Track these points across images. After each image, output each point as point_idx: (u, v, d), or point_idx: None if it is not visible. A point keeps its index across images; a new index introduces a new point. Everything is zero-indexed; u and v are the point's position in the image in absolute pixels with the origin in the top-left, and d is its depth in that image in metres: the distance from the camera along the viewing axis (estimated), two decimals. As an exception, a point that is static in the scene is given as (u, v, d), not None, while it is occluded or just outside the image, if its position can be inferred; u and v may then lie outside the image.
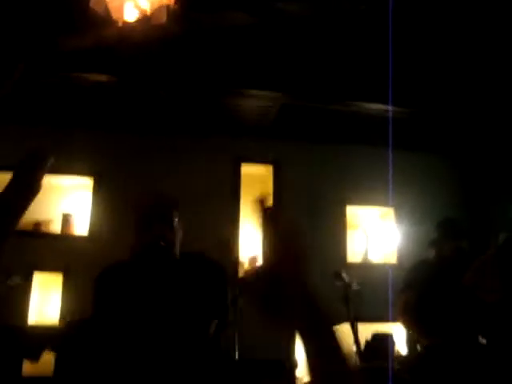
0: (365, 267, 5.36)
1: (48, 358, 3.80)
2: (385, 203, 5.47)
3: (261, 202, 0.93)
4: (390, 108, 4.64)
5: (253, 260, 5.29)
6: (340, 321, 4.84)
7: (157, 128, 5.35)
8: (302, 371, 5.02)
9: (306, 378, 4.94)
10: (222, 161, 5.44)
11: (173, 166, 5.28)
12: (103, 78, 4.49)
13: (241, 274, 5.17)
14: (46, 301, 4.94)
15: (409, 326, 3.45)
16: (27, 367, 4.20)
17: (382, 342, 4.36)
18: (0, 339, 3.83)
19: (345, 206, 5.53)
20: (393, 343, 4.46)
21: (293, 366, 4.15)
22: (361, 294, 3.09)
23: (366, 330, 4.05)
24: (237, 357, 3.81)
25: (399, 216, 5.58)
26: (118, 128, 5.32)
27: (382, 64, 3.75)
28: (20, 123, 5.17)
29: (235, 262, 5.16)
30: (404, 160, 5.30)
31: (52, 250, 4.87)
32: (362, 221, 5.82)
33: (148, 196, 2.58)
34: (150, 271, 2.39)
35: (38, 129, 5.18)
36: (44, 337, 4.00)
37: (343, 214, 5.52)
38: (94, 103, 5.02)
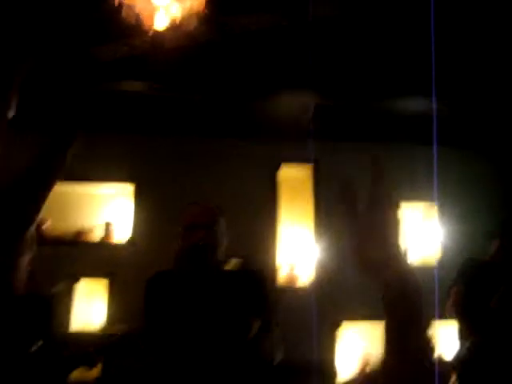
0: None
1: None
2: (429, 201, 5.33)
3: None
4: (433, 104, 4.51)
5: (291, 267, 5.23)
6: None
7: (194, 133, 5.36)
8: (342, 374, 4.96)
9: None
10: (260, 164, 5.40)
11: (211, 170, 5.29)
12: (138, 85, 4.54)
13: (279, 279, 5.12)
14: (89, 308, 5.00)
15: (458, 317, 3.36)
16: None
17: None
18: (49, 345, 3.89)
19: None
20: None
21: (333, 368, 4.09)
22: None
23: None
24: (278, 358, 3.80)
25: (443, 215, 5.42)
26: (156, 134, 5.36)
27: (423, 58, 3.65)
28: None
29: (273, 267, 5.12)
30: (448, 158, 5.15)
31: (94, 257, 4.94)
32: (405, 219, 5.68)
33: (192, 206, 2.66)
34: (193, 278, 2.50)
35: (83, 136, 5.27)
36: (95, 343, 4.05)
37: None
38: (132, 110, 5.08)
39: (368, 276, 0.81)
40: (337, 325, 5.02)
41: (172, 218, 2.70)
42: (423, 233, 5.63)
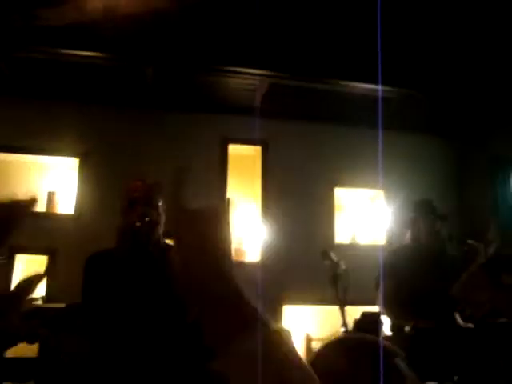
0: (353, 249, 5.31)
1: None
2: (374, 185, 5.43)
3: None
4: (379, 87, 4.57)
5: (239, 242, 5.24)
6: (328, 302, 4.85)
7: (143, 105, 5.25)
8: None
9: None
10: (210, 139, 5.36)
11: (159, 142, 5.20)
12: (88, 54, 4.38)
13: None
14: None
15: (390, 315, 3.47)
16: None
17: (371, 320, 4.31)
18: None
19: (333, 187, 5.49)
20: (382, 323, 4.43)
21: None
22: (349, 275, 3.03)
23: (355, 313, 4.01)
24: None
25: (389, 198, 5.53)
26: (104, 105, 5.22)
27: (371, 42, 3.66)
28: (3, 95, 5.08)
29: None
30: (394, 141, 5.26)
31: (36, 229, 4.78)
32: (351, 202, 5.78)
33: (133, 181, 2.63)
34: (130, 258, 2.50)
35: (22, 103, 5.09)
36: (35, 318, 3.93)
37: (331, 196, 5.47)
38: (80, 79, 4.92)
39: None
40: (280, 303, 5.06)
41: (117, 192, 2.67)
42: (370, 217, 5.74)
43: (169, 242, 2.62)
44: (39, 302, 4.66)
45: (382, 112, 4.75)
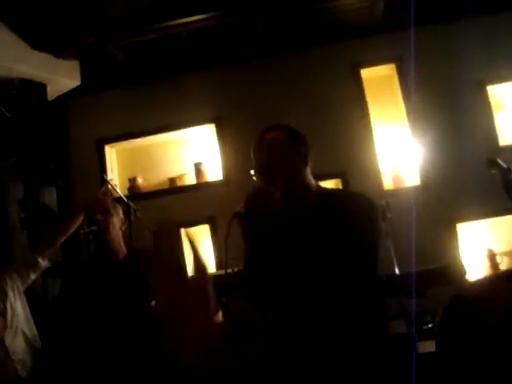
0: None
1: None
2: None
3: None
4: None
5: (394, 169, 4.93)
6: (505, 212, 4.41)
7: (260, 54, 5.10)
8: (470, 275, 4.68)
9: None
10: (339, 69, 5.04)
11: (287, 86, 5.05)
12: (195, 18, 4.31)
13: (385, 183, 4.87)
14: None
15: None
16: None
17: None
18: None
19: (485, 84, 4.88)
20: None
21: (461, 271, 3.83)
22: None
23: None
24: (397, 271, 3.62)
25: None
26: (224, 65, 5.16)
27: None
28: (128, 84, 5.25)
29: (377, 173, 4.86)
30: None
31: (191, 201, 4.93)
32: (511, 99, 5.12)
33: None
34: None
35: (148, 88, 5.22)
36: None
37: (485, 95, 4.87)
38: (195, 46, 4.89)
39: None
40: (453, 223, 4.71)
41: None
42: None
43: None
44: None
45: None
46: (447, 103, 4.81)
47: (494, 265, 4.57)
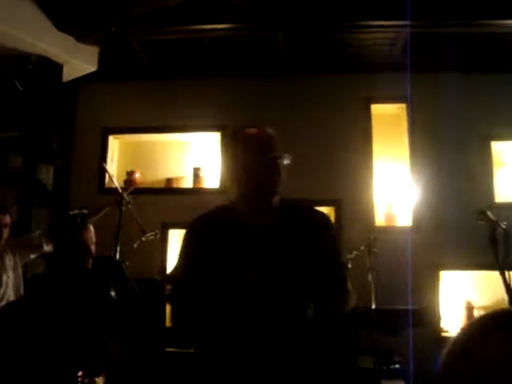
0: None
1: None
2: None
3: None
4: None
5: (388, 206, 4.98)
6: (489, 267, 4.43)
7: (278, 72, 5.15)
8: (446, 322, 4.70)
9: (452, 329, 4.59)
10: (351, 101, 5.11)
11: (297, 105, 5.11)
12: (218, 26, 4.37)
13: (377, 218, 4.91)
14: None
15: None
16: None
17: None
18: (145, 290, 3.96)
19: (490, 140, 4.96)
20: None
21: (436, 315, 3.85)
22: (510, 237, 2.68)
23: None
24: (374, 306, 3.64)
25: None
26: (239, 76, 5.21)
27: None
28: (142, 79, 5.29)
29: (371, 206, 4.91)
30: None
31: (185, 205, 4.94)
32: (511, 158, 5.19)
33: None
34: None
35: (161, 85, 5.26)
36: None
37: (488, 150, 4.94)
38: (214, 54, 4.95)
39: None
40: (437, 269, 4.73)
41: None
42: None
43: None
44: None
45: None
46: (450, 151, 4.86)
47: (471, 317, 4.59)
